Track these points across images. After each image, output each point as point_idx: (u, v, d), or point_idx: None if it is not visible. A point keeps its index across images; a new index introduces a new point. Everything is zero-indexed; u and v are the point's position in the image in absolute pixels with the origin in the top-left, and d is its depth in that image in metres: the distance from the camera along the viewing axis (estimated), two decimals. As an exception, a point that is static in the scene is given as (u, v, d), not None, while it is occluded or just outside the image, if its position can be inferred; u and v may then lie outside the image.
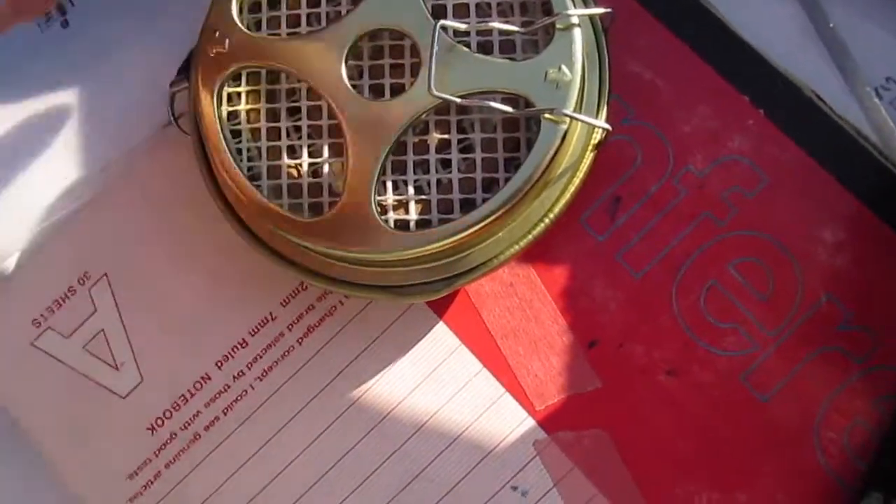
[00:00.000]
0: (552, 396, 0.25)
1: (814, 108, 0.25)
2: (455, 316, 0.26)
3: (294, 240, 0.22)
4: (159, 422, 0.26)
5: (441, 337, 0.26)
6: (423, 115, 0.22)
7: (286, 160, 0.23)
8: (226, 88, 0.23)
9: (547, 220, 0.22)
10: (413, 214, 0.22)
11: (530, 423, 0.25)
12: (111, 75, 0.30)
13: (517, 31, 0.23)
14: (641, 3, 0.26)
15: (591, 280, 0.25)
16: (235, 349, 0.26)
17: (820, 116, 0.25)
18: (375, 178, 0.22)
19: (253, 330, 0.26)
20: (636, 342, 0.25)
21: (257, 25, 0.24)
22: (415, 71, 0.23)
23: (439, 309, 0.26)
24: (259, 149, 0.23)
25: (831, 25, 0.27)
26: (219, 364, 0.26)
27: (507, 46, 0.23)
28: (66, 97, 0.30)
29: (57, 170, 0.29)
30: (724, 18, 0.26)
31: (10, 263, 0.28)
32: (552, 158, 0.22)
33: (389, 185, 0.22)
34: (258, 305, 0.27)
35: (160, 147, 0.28)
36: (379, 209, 0.22)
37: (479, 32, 0.23)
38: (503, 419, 0.25)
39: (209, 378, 0.26)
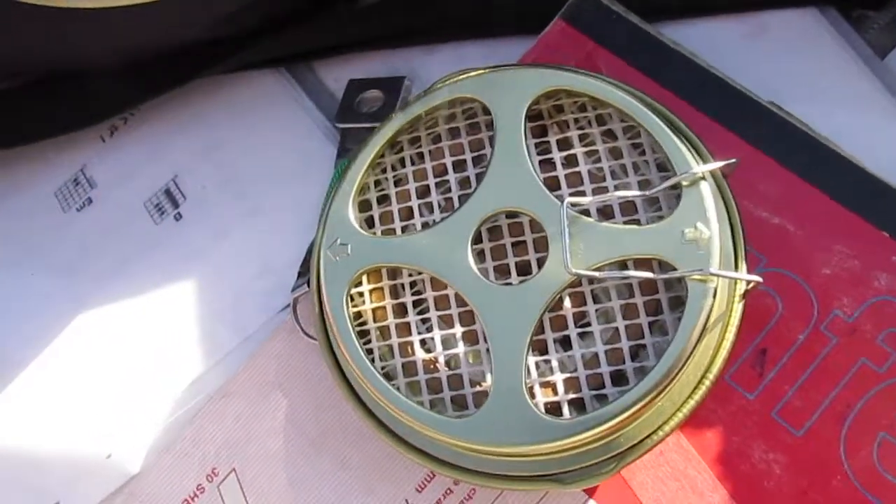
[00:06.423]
0: (721, 575, 0.23)
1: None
2: (605, 491, 0.24)
3: (446, 441, 0.21)
4: None
5: (591, 515, 0.24)
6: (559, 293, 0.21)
7: (420, 355, 0.23)
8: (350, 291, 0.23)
9: (707, 381, 0.21)
10: (562, 394, 0.21)
11: None
12: (225, 264, 0.30)
13: (639, 195, 0.22)
14: (757, 147, 0.26)
15: (748, 442, 0.24)
16: (370, 538, 0.25)
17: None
18: (524, 365, 0.21)
19: (387, 518, 0.25)
20: (810, 509, 0.23)
21: (369, 222, 0.24)
22: (538, 246, 0.23)
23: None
24: (390, 346, 0.23)
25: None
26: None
27: (629, 207, 0.23)
28: (181, 288, 0.30)
29: (177, 364, 0.29)
30: (843, 151, 0.25)
31: (136, 465, 0.28)
32: (706, 320, 0.21)
33: (533, 366, 0.22)
34: (391, 491, 0.25)
35: (279, 333, 0.28)
36: (527, 393, 0.21)
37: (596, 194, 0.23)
38: None
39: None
